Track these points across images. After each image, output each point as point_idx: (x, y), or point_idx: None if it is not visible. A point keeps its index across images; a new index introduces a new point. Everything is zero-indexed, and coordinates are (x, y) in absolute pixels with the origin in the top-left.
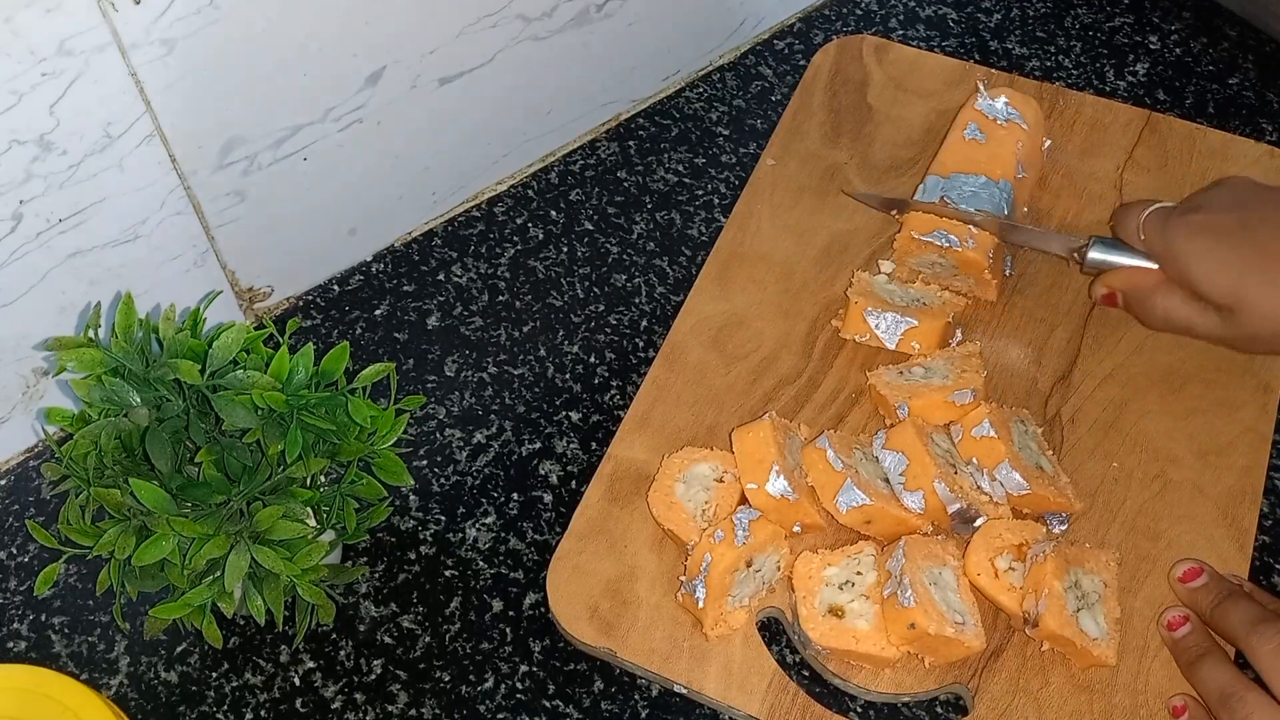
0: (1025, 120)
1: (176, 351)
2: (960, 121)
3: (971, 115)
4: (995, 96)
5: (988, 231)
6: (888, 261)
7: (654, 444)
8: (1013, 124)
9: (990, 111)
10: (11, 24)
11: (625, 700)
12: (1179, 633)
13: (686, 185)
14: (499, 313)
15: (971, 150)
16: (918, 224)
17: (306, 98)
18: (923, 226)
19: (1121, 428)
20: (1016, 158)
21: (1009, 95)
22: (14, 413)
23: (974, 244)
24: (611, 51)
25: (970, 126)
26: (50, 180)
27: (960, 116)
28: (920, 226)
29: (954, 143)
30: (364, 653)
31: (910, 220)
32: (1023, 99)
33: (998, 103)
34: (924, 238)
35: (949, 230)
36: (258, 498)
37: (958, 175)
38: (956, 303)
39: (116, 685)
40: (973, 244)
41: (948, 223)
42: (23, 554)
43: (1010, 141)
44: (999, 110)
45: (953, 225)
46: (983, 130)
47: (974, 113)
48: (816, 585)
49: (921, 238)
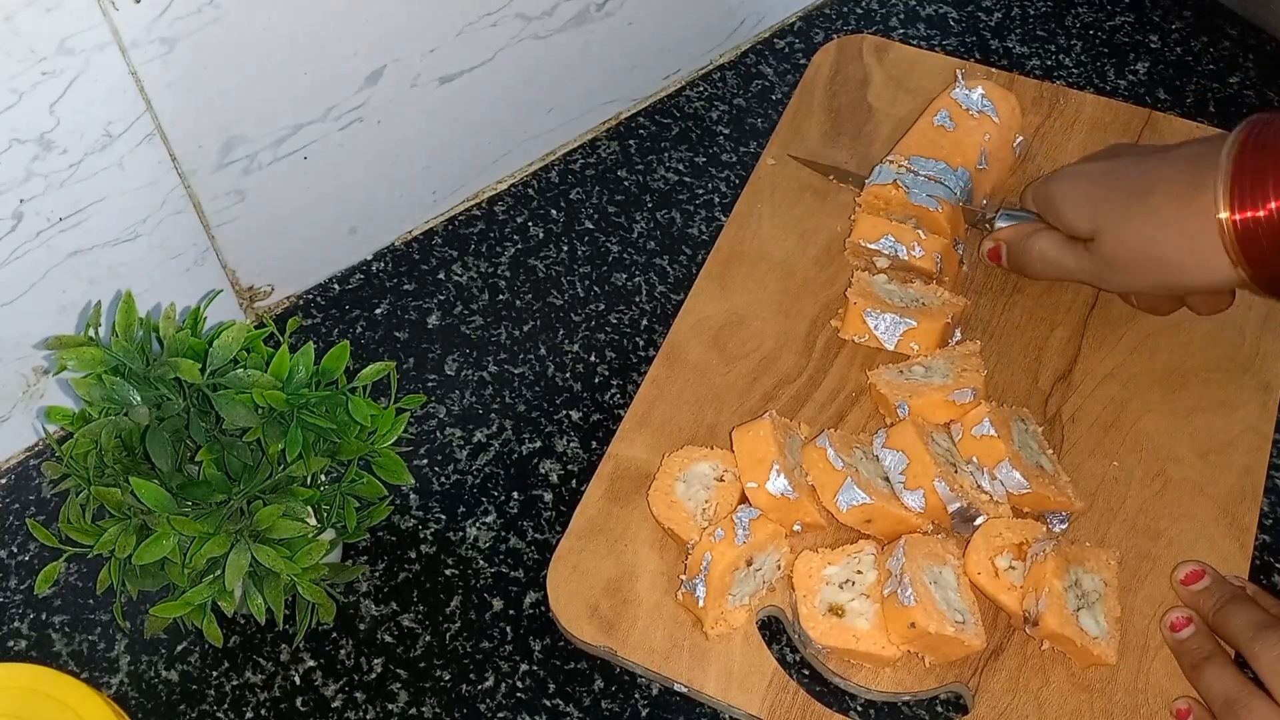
0: (998, 114)
1: (177, 350)
2: (933, 108)
3: (945, 103)
4: (973, 87)
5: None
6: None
7: (654, 443)
8: (984, 116)
9: (965, 101)
10: (12, 23)
11: (625, 699)
12: (1182, 634)
13: (687, 184)
14: (499, 312)
15: (938, 135)
16: (865, 230)
17: (307, 97)
18: (870, 233)
19: (1122, 427)
20: (981, 148)
21: (986, 88)
22: (14, 411)
23: (921, 251)
24: (612, 50)
25: (941, 114)
26: (50, 179)
27: (935, 103)
28: (868, 234)
29: (923, 127)
30: (364, 651)
31: (859, 225)
32: (1002, 93)
33: (974, 93)
34: (871, 245)
35: (898, 238)
36: (258, 496)
37: (917, 158)
38: (956, 304)
39: (117, 684)
40: (920, 251)
41: (896, 228)
42: (23, 553)
43: (978, 132)
44: (974, 101)
45: (901, 232)
46: (953, 119)
47: (948, 100)
48: (817, 584)
49: (868, 245)
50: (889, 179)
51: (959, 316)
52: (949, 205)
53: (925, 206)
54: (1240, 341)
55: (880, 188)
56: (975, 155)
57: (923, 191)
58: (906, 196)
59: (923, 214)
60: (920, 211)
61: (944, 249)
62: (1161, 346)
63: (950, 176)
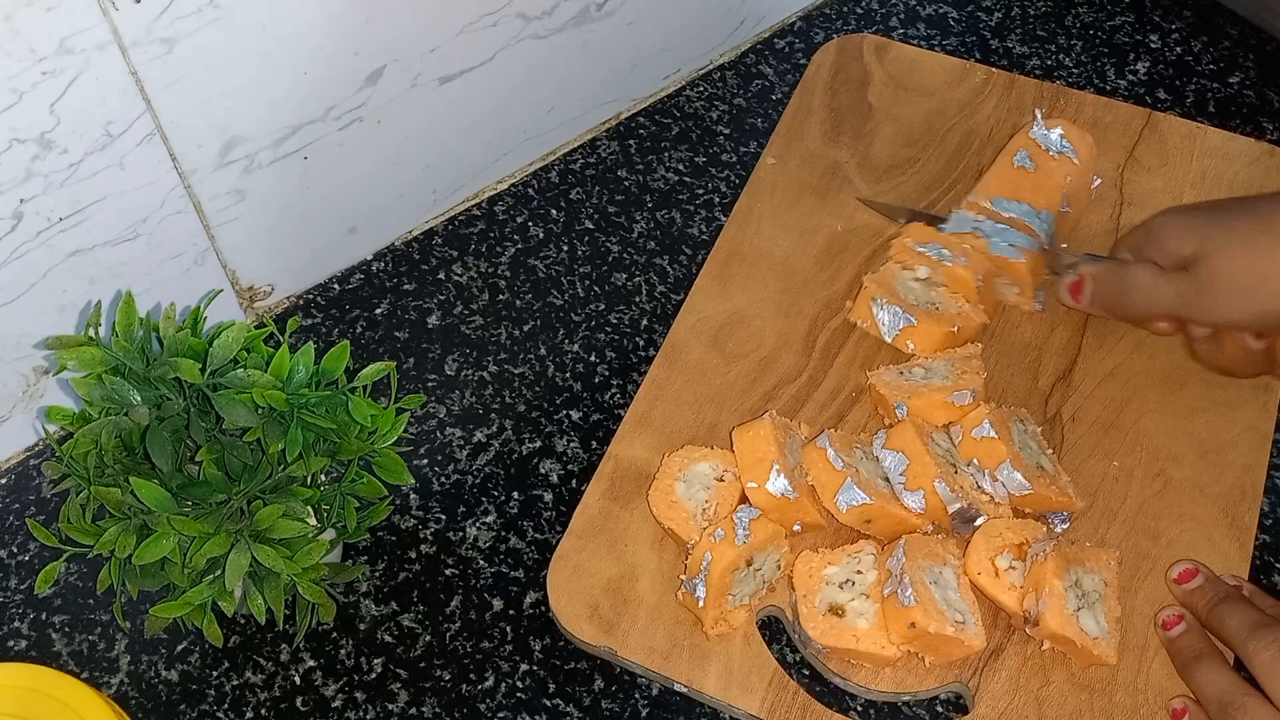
0: (1078, 155)
1: (177, 350)
2: (1011, 147)
3: (1024, 142)
4: (1051, 127)
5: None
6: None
7: (654, 443)
8: (1064, 157)
9: (1044, 142)
10: (12, 22)
11: (626, 699)
12: (1173, 632)
13: (687, 184)
14: (499, 311)
15: (1018, 177)
16: (916, 233)
17: (307, 96)
18: (921, 236)
19: (1122, 426)
20: (1063, 191)
21: (1065, 128)
22: (14, 411)
23: (965, 261)
24: (612, 50)
25: (1021, 153)
26: (51, 179)
27: (1012, 142)
28: (919, 235)
29: (1002, 167)
30: (364, 651)
31: (911, 228)
32: (1079, 133)
33: (1052, 134)
34: (919, 247)
35: (944, 244)
36: (258, 496)
37: (1000, 199)
38: (970, 317)
39: (117, 684)
40: (964, 261)
41: (944, 237)
42: (23, 552)
43: (1059, 174)
44: (1053, 141)
45: (948, 241)
46: (1033, 159)
47: (1027, 140)
48: (817, 584)
49: (917, 247)
50: (967, 227)
51: (971, 331)
52: (1031, 254)
53: (1007, 257)
54: None
55: (959, 236)
56: (1058, 198)
57: (1003, 240)
58: (987, 247)
59: (1004, 264)
60: (1001, 262)
61: (989, 271)
62: (1161, 346)
63: (1035, 220)
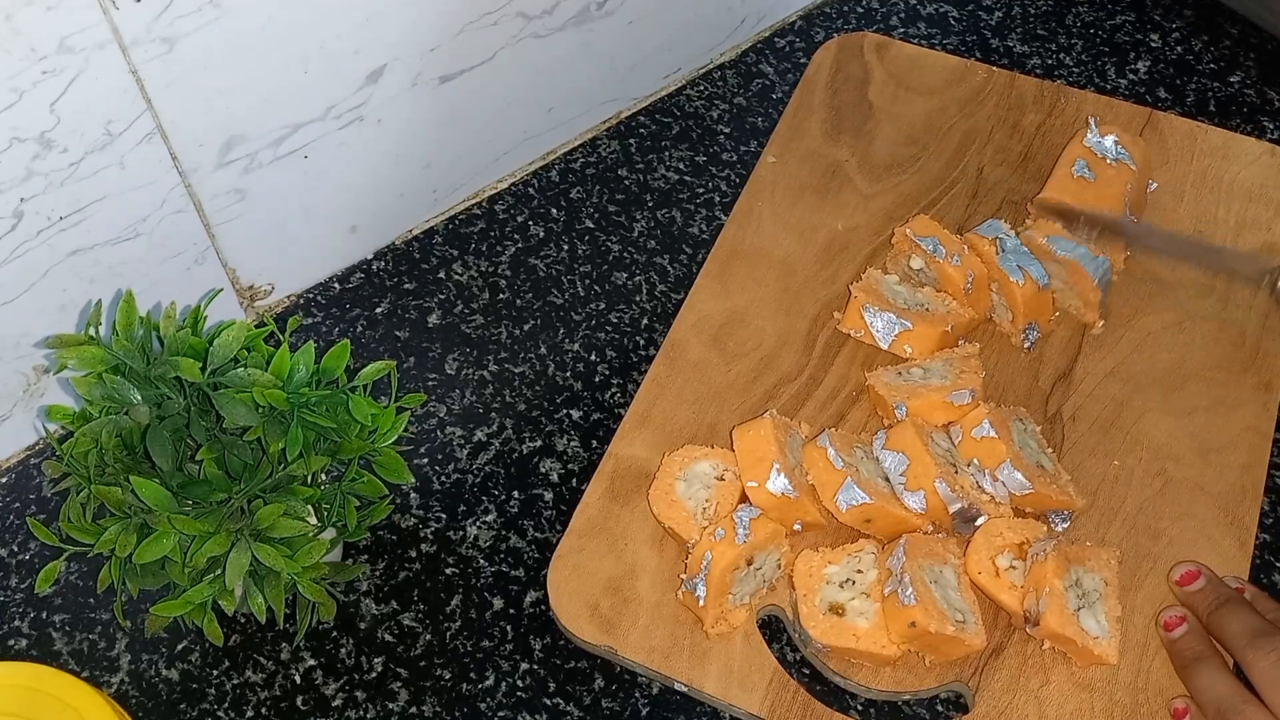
0: (1134, 161)
1: (177, 349)
2: (1067, 158)
3: (1080, 152)
4: (1105, 134)
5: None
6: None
7: (655, 442)
8: (1122, 164)
9: (1099, 150)
10: (12, 21)
11: (626, 698)
12: (1175, 633)
13: (687, 183)
14: (500, 311)
15: (1080, 187)
16: (918, 225)
17: (307, 96)
18: (922, 229)
19: (1122, 426)
20: (1125, 198)
21: (1119, 135)
22: (15, 410)
23: (959, 261)
24: (612, 49)
25: (1079, 163)
26: (51, 178)
27: (1067, 152)
28: (920, 228)
29: (1061, 178)
30: (365, 650)
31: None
32: (1131, 139)
33: (1107, 140)
34: (918, 239)
35: (941, 240)
36: (259, 495)
37: (1056, 238)
38: (961, 314)
39: (117, 683)
40: (957, 261)
41: (944, 233)
42: (24, 552)
43: (1119, 181)
44: (1109, 149)
45: (946, 238)
46: (1091, 168)
47: (1083, 149)
48: (817, 583)
49: (915, 238)
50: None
51: (963, 327)
52: (1034, 287)
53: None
54: (1240, 341)
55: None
56: (1121, 206)
57: (1015, 261)
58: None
59: (1003, 282)
60: (1001, 278)
61: (981, 275)
62: (1161, 346)
63: (1090, 264)
